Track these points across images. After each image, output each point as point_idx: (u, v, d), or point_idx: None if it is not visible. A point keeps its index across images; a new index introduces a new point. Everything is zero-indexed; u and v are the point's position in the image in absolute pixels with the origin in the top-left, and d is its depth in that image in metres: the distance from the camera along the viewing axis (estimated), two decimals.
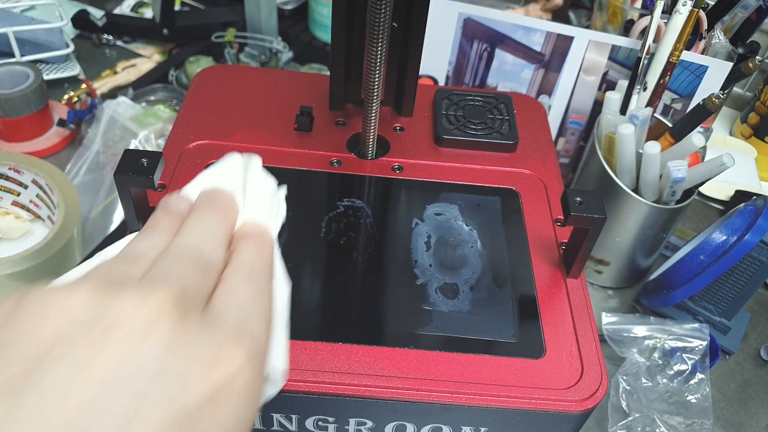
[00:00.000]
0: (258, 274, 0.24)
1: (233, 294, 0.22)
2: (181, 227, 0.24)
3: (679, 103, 0.67)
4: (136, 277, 0.21)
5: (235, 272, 0.23)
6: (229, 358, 0.20)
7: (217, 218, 0.25)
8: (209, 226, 0.24)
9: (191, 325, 0.20)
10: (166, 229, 0.24)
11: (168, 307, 0.19)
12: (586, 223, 0.39)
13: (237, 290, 0.22)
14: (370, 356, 0.37)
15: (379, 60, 0.42)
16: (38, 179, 0.60)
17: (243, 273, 0.23)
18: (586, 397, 0.36)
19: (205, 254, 0.23)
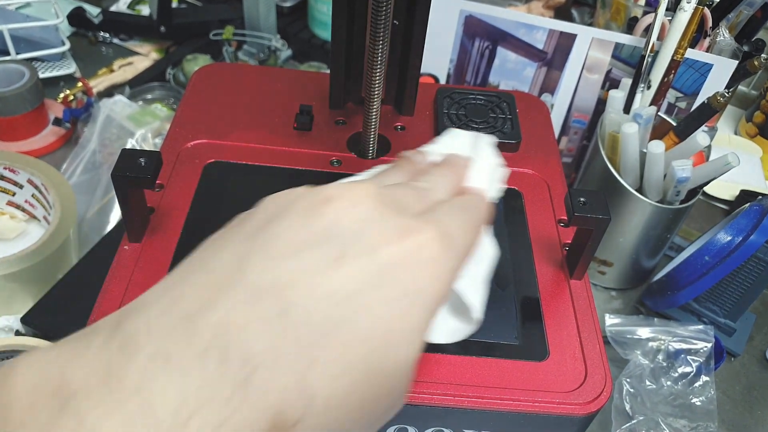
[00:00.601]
0: (471, 210, 0.27)
1: (444, 209, 0.26)
2: (420, 176, 0.28)
3: (684, 102, 0.67)
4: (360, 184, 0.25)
5: (453, 200, 0.27)
6: (421, 232, 0.23)
7: (452, 177, 0.29)
8: (442, 182, 0.28)
9: (393, 206, 0.24)
10: (406, 170, 0.29)
11: (374, 193, 0.23)
12: (589, 224, 0.39)
13: (448, 208, 0.26)
14: None
15: (380, 58, 0.42)
16: (34, 179, 0.60)
17: (457, 203, 0.27)
18: (590, 400, 0.36)
19: (432, 190, 0.27)
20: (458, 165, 0.30)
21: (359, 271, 0.21)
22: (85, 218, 0.64)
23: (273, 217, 0.23)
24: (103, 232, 0.62)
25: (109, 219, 0.64)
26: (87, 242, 0.61)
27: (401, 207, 0.24)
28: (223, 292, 0.20)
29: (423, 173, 0.29)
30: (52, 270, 0.56)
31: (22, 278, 0.54)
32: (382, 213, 0.23)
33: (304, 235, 0.22)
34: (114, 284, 0.39)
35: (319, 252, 0.21)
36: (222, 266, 0.21)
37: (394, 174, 0.29)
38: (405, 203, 0.25)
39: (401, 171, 0.29)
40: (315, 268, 0.21)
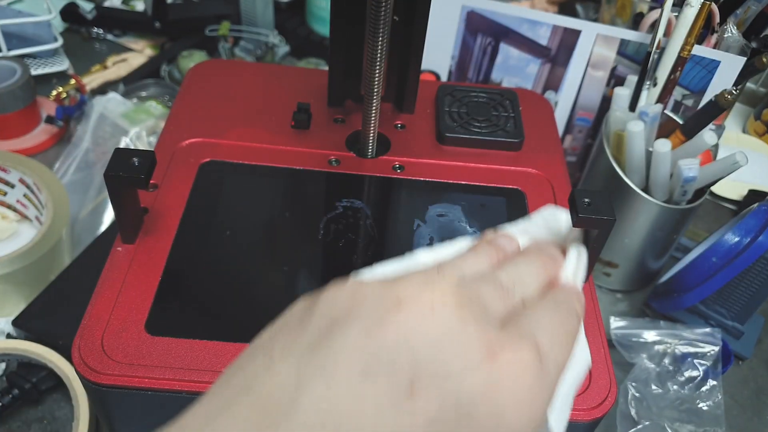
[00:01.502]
0: (568, 312, 0.24)
1: (536, 315, 0.22)
2: (504, 264, 0.25)
3: (691, 100, 0.67)
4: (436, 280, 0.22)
5: (544, 301, 0.24)
6: (512, 351, 0.20)
7: (541, 266, 0.26)
8: (529, 272, 0.25)
9: (475, 318, 0.20)
10: (486, 259, 0.25)
11: (453, 294, 0.21)
12: (594, 225, 0.39)
13: (541, 314, 0.23)
14: None
15: (379, 55, 0.42)
16: (25, 178, 0.60)
17: (552, 303, 0.23)
18: (595, 405, 0.36)
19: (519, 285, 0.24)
20: (549, 254, 0.27)
21: (435, 405, 0.19)
22: (77, 218, 0.64)
23: (335, 324, 0.20)
24: (96, 233, 0.62)
25: (103, 219, 0.64)
26: (80, 243, 0.61)
27: (486, 312, 0.21)
28: (276, 424, 0.18)
29: (508, 262, 0.25)
30: (44, 272, 0.56)
31: (14, 280, 0.53)
32: (464, 324, 0.20)
33: (370, 356, 0.19)
34: (107, 286, 0.39)
35: (386, 380, 0.19)
36: (276, 391, 0.19)
37: (474, 260, 0.25)
38: (490, 306, 0.22)
39: (483, 257, 0.25)
40: (380, 402, 0.18)
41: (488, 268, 0.25)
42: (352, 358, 0.19)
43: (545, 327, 0.22)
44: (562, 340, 0.22)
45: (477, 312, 0.21)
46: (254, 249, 0.43)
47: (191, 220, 0.43)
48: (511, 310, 0.22)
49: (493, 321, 0.21)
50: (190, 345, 0.36)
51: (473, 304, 0.21)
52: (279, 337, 0.21)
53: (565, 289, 0.25)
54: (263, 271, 0.42)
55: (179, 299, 0.39)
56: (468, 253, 0.26)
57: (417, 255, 0.26)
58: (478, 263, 0.25)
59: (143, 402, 0.36)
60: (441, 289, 0.21)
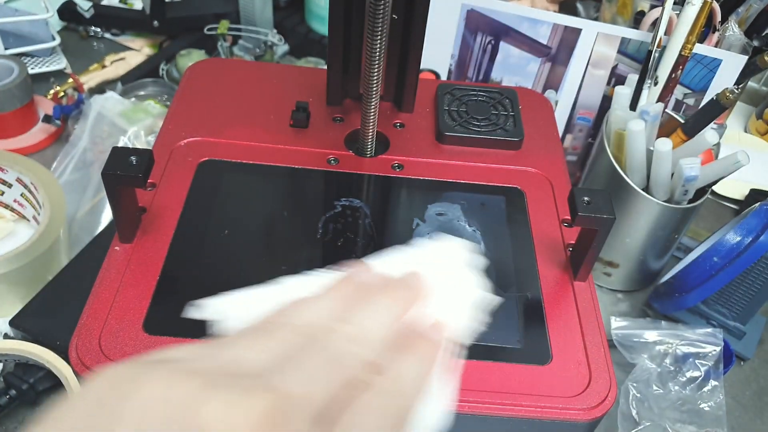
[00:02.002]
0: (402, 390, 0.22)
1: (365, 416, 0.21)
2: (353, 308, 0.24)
3: (692, 99, 0.67)
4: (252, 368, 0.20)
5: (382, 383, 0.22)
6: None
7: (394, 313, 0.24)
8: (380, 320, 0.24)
9: None
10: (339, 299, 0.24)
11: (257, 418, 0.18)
12: (594, 224, 0.39)
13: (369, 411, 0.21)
14: None
15: (378, 53, 0.42)
16: (23, 178, 0.60)
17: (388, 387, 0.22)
18: (595, 405, 0.36)
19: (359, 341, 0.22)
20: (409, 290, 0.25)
21: None
22: (75, 218, 0.64)
23: None
24: (93, 233, 0.62)
25: (100, 219, 0.64)
26: (77, 243, 0.61)
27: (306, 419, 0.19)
28: None
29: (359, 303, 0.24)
30: (41, 271, 0.56)
31: (11, 280, 0.54)
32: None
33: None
34: (105, 286, 0.39)
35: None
36: None
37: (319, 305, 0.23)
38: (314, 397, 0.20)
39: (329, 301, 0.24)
40: None
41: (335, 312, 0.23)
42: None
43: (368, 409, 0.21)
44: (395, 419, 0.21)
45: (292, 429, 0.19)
46: (253, 248, 0.43)
47: (189, 220, 0.43)
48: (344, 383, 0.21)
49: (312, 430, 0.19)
50: None
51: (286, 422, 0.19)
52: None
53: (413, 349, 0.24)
54: (262, 270, 0.42)
55: (177, 299, 0.39)
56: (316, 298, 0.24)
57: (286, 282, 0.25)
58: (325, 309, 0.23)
59: None
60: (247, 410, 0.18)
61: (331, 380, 0.21)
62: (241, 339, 0.22)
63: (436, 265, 0.27)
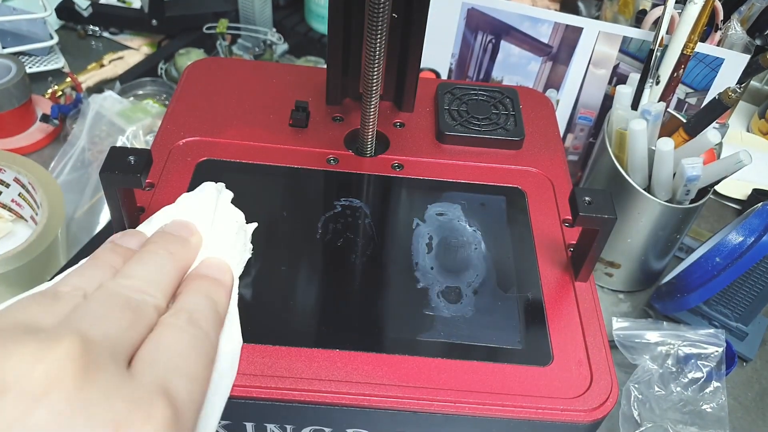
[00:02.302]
0: (199, 322, 0.22)
1: (162, 345, 0.21)
2: (125, 265, 0.23)
3: (694, 98, 0.67)
4: (49, 323, 0.19)
5: (171, 318, 0.22)
6: (150, 420, 0.18)
7: (166, 257, 0.24)
8: (155, 266, 0.23)
9: (99, 384, 0.18)
10: (106, 266, 0.23)
11: (70, 364, 0.17)
12: (595, 224, 0.39)
13: (167, 341, 0.21)
14: (368, 364, 0.37)
15: (378, 52, 0.42)
16: (20, 177, 0.60)
17: (181, 320, 0.22)
18: (596, 406, 0.36)
19: (140, 297, 0.22)
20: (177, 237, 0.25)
21: None
22: (73, 218, 0.64)
23: None
24: (92, 233, 0.62)
25: (99, 219, 0.64)
26: (75, 243, 0.61)
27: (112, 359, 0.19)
28: None
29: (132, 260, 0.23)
30: (39, 272, 0.56)
31: (8, 280, 0.54)
32: (87, 401, 0.17)
33: None
34: None
35: None
36: None
37: (93, 269, 0.23)
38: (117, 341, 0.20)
39: (102, 264, 0.23)
40: None
41: (110, 274, 0.23)
42: None
43: (179, 364, 0.20)
44: (199, 372, 0.21)
45: (102, 374, 0.18)
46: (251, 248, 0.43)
47: None
48: (143, 329, 0.21)
49: (121, 371, 0.19)
50: None
51: (98, 363, 0.18)
52: None
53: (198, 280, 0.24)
54: (260, 270, 0.42)
55: None
56: (87, 261, 0.23)
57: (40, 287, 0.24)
58: (99, 271, 0.23)
59: None
60: (57, 358, 0.17)
61: (127, 325, 0.20)
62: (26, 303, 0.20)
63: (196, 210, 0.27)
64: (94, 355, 0.18)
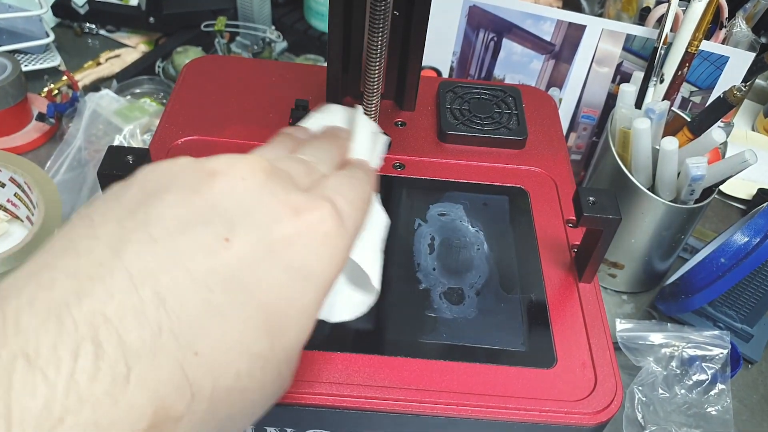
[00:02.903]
0: (361, 181, 0.28)
1: (329, 180, 0.26)
2: (301, 147, 0.29)
3: (698, 96, 0.67)
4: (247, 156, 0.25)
5: (338, 172, 0.28)
6: (314, 209, 0.23)
7: (333, 145, 0.30)
8: (326, 148, 0.29)
9: (281, 183, 0.23)
10: (288, 144, 0.29)
11: (264, 166, 0.23)
12: (599, 224, 0.39)
13: (332, 179, 0.26)
14: (369, 366, 0.37)
15: (379, 50, 0.42)
16: (16, 177, 0.60)
17: (346, 174, 0.27)
18: (600, 409, 0.36)
19: (317, 163, 0.28)
20: (339, 136, 0.32)
21: (247, 250, 0.21)
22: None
23: (154, 192, 0.22)
24: None
25: None
26: None
27: (291, 181, 0.24)
28: (98, 279, 0.19)
29: (305, 146, 0.29)
30: None
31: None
32: (272, 188, 0.23)
33: (188, 213, 0.21)
34: None
35: (203, 231, 0.21)
36: (97, 248, 0.20)
37: (275, 148, 0.29)
38: (295, 177, 0.25)
39: (282, 145, 0.29)
40: (197, 249, 0.20)
41: (287, 152, 0.29)
42: (169, 217, 0.21)
43: (342, 192, 0.26)
44: (357, 203, 0.26)
45: (283, 180, 0.24)
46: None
47: None
48: (313, 180, 0.26)
49: (298, 188, 0.24)
50: None
51: (280, 175, 0.24)
52: (97, 208, 0.22)
53: (357, 164, 0.30)
54: None
55: None
56: (269, 143, 0.30)
57: None
58: (278, 149, 0.29)
59: None
60: (251, 162, 0.23)
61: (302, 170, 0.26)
62: None
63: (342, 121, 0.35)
64: (275, 170, 0.24)
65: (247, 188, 0.22)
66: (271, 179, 0.23)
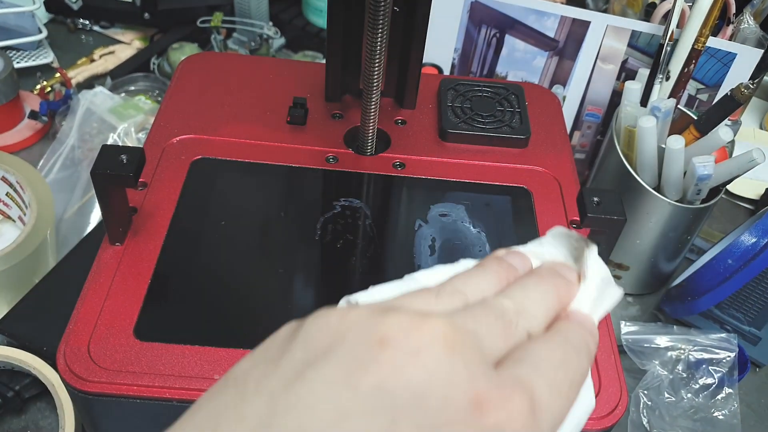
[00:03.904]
0: (574, 346, 0.23)
1: (532, 351, 0.21)
2: (515, 282, 0.24)
3: (705, 94, 0.67)
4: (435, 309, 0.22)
5: (550, 337, 0.23)
6: (505, 403, 0.19)
7: (554, 291, 0.24)
8: (543, 295, 0.24)
9: (465, 359, 0.19)
10: (493, 278, 0.24)
11: (440, 337, 0.19)
12: (604, 225, 0.39)
13: (538, 349, 0.22)
14: None
15: (379, 47, 0.42)
16: (8, 176, 0.60)
17: (556, 338, 0.22)
18: (604, 414, 0.36)
19: (525, 315, 0.23)
20: (563, 278, 0.25)
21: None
22: (63, 219, 0.64)
23: (314, 361, 0.19)
24: (82, 234, 0.62)
25: (89, 219, 0.64)
26: (65, 244, 0.61)
27: (479, 353, 0.20)
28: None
29: (517, 284, 0.24)
30: (27, 274, 0.56)
31: None
32: (451, 371, 0.19)
33: (348, 399, 0.18)
34: (94, 290, 0.39)
35: (363, 423, 0.18)
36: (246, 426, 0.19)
37: (480, 279, 0.24)
38: (486, 343, 0.21)
39: (490, 275, 0.24)
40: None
41: (494, 288, 0.24)
42: (328, 399, 0.18)
43: (546, 371, 0.21)
44: (563, 389, 0.21)
45: (469, 355, 0.20)
46: (248, 250, 0.43)
47: (182, 221, 0.43)
48: (511, 346, 0.22)
49: (487, 362, 0.20)
50: (181, 351, 0.36)
51: (465, 345, 0.20)
52: (254, 372, 0.20)
53: (578, 323, 0.24)
54: (257, 273, 0.42)
55: (169, 303, 0.39)
56: (474, 269, 0.25)
57: (417, 276, 0.25)
58: (484, 283, 0.24)
59: (132, 410, 0.36)
60: (430, 328, 0.20)
61: (498, 333, 0.22)
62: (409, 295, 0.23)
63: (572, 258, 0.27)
64: (462, 338, 0.20)
65: (420, 368, 0.19)
66: (454, 354, 0.19)
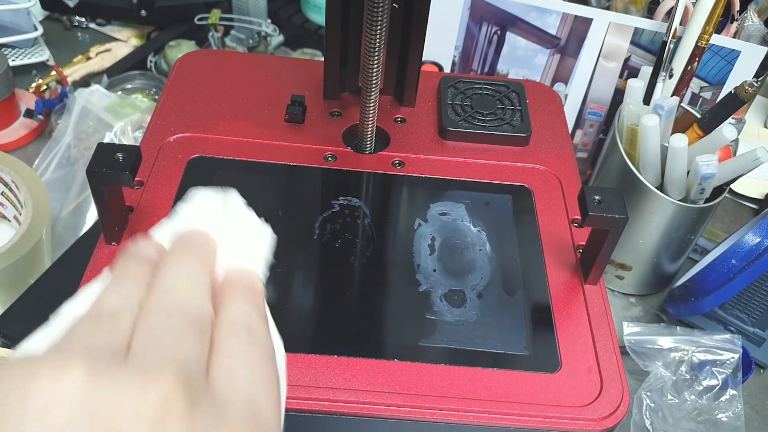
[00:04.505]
0: (257, 333, 0.23)
1: (236, 364, 0.21)
2: (157, 277, 0.23)
3: (709, 92, 0.67)
4: (123, 346, 0.20)
5: (231, 331, 0.22)
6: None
7: (196, 264, 0.24)
8: (190, 274, 0.23)
9: (202, 413, 0.19)
10: (138, 278, 0.23)
11: (175, 395, 0.19)
12: (605, 224, 0.39)
13: (239, 358, 0.22)
14: (368, 370, 0.37)
15: (378, 44, 0.42)
16: (3, 175, 0.60)
17: (241, 333, 0.22)
18: (606, 415, 0.36)
19: (194, 310, 0.22)
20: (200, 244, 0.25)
21: None
22: (59, 218, 0.64)
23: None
24: (78, 233, 0.62)
25: (85, 219, 0.64)
26: (61, 244, 0.61)
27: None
28: None
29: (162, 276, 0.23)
30: (23, 274, 0.56)
31: None
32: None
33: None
34: None
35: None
36: None
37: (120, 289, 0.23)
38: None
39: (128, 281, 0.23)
40: None
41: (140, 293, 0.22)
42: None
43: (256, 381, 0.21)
44: (273, 384, 0.22)
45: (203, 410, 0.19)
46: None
47: None
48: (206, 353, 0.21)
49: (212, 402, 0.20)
50: None
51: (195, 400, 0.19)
52: None
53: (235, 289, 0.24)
54: None
55: None
56: (114, 281, 0.23)
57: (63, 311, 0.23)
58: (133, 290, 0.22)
59: None
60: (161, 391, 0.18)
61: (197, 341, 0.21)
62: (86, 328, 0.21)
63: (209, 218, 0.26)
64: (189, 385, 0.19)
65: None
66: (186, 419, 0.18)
